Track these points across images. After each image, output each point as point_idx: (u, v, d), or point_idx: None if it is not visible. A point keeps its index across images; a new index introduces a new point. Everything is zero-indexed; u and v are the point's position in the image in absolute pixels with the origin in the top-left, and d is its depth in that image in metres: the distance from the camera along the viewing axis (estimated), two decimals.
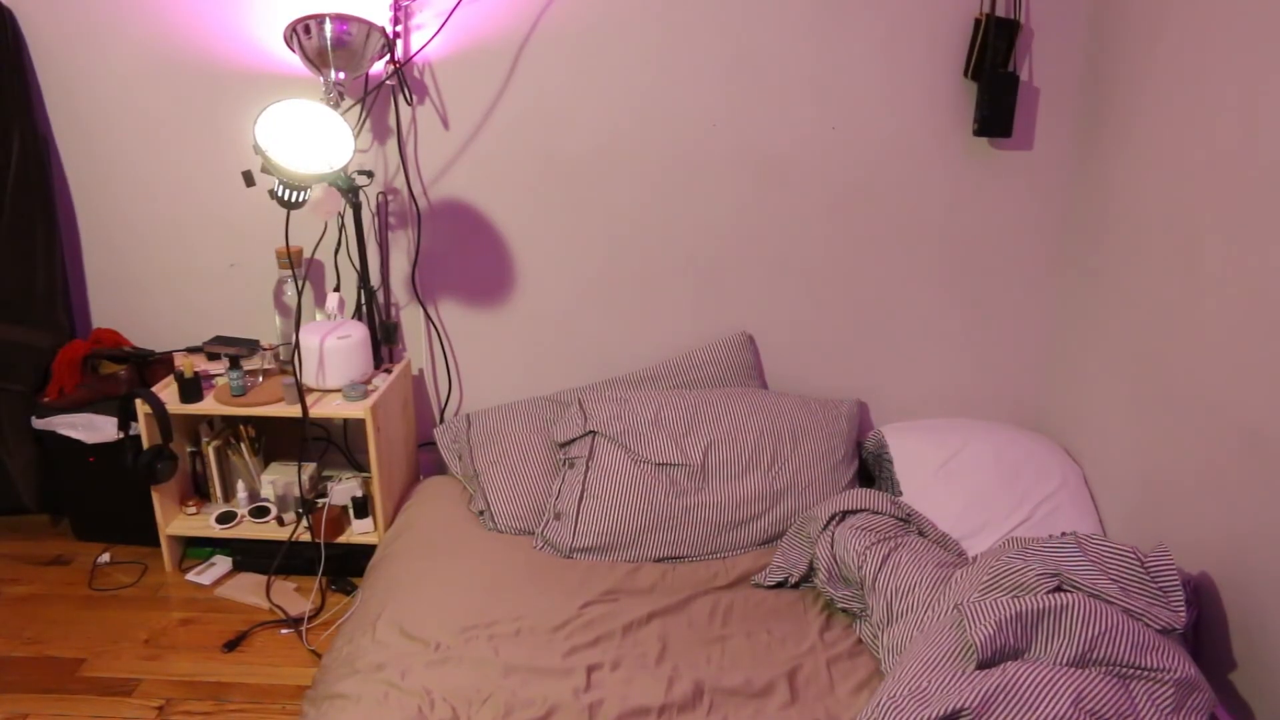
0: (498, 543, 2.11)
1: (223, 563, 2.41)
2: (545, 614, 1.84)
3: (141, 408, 2.25)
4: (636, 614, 1.86)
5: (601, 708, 1.61)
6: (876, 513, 1.99)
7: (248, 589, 2.32)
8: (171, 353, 2.50)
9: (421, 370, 2.61)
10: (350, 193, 2.25)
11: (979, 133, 2.26)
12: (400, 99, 2.35)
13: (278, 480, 2.39)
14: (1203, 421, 1.75)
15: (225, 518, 2.38)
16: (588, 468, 2.18)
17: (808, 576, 2.00)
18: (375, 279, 2.48)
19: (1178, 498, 1.83)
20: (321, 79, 2.15)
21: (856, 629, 1.84)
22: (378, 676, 1.66)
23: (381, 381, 2.34)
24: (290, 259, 2.33)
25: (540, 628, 1.80)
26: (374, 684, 1.64)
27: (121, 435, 2.28)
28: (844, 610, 1.89)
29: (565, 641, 1.77)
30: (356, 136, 2.16)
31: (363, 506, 2.34)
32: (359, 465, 2.62)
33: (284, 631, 2.16)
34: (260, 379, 2.36)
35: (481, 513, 2.21)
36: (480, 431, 2.37)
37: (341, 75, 2.15)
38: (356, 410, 2.23)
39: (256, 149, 1.98)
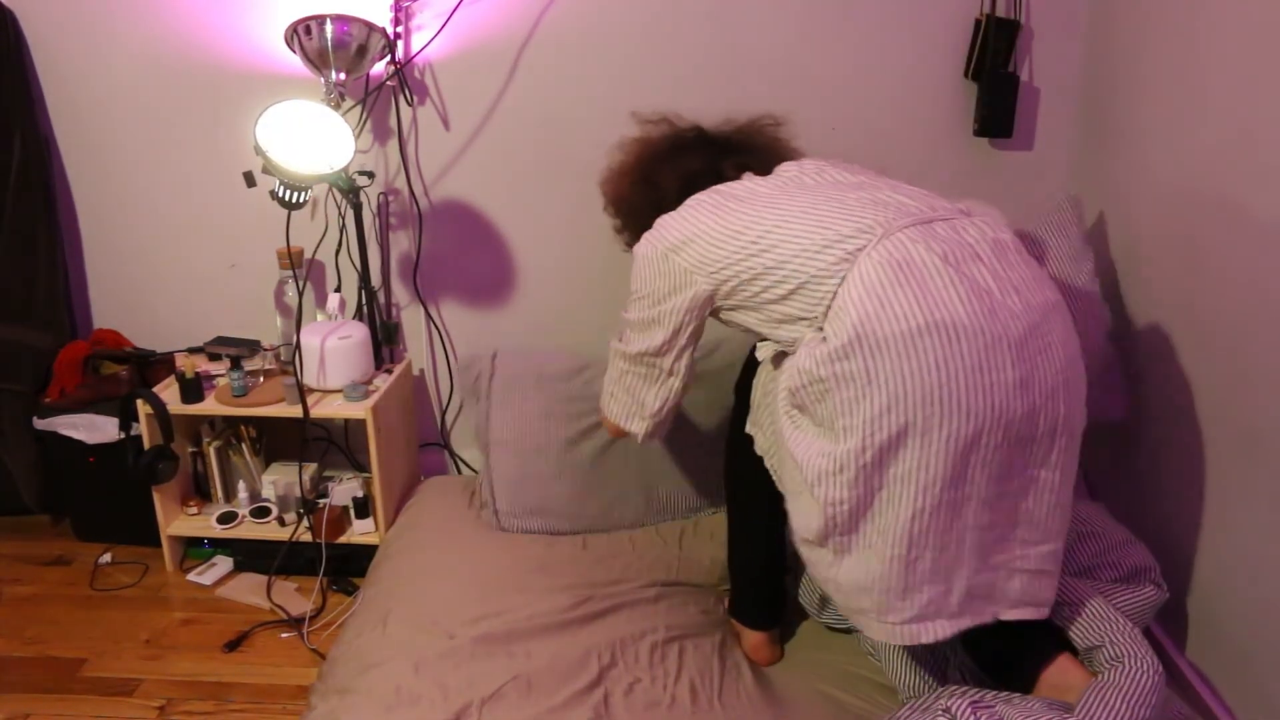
0: (502, 541, 2.10)
1: (223, 563, 2.41)
2: (555, 607, 1.84)
3: (143, 408, 2.26)
4: (645, 604, 1.87)
5: (619, 696, 1.61)
6: None
7: (248, 589, 2.32)
8: (173, 353, 2.50)
9: (422, 370, 2.61)
10: (351, 193, 2.25)
11: (979, 133, 2.27)
12: (401, 99, 2.36)
13: (279, 480, 2.39)
14: (1203, 422, 1.75)
15: (226, 518, 2.39)
16: None
17: None
18: (376, 279, 2.48)
19: (1177, 496, 1.83)
20: (322, 80, 2.15)
21: None
22: (389, 670, 1.66)
23: (382, 382, 2.34)
24: (291, 259, 2.33)
25: (551, 621, 1.80)
26: (385, 677, 1.64)
27: (122, 435, 2.28)
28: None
29: (576, 632, 1.77)
30: (357, 137, 2.16)
31: (364, 507, 2.34)
32: (360, 465, 2.62)
33: (284, 635, 2.16)
34: (261, 379, 2.36)
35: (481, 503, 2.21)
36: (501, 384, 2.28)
37: (342, 76, 2.15)
38: (357, 410, 2.23)
39: (257, 150, 1.98)
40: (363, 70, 2.22)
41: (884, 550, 1.38)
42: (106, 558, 2.45)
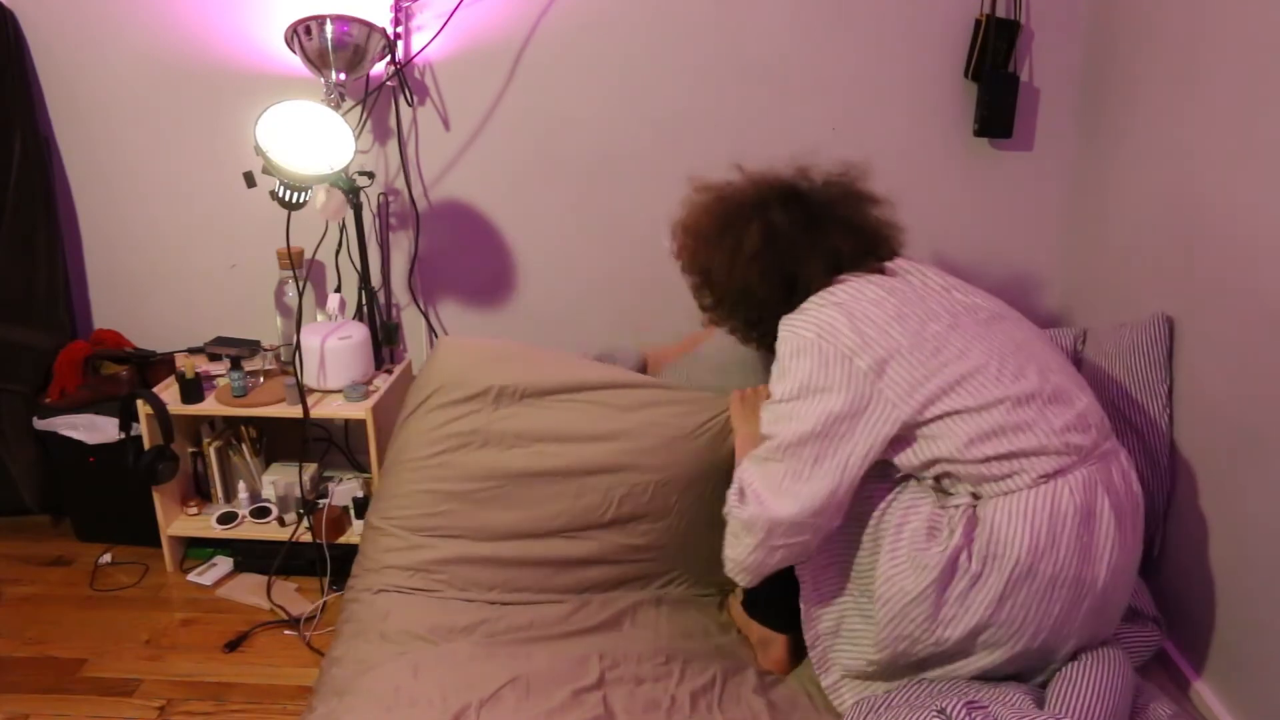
0: None
1: (224, 563, 2.41)
2: (556, 610, 1.84)
3: (143, 408, 2.26)
4: (648, 607, 1.87)
5: (619, 698, 1.61)
6: None
7: (249, 589, 2.32)
8: (173, 353, 2.50)
9: None
10: (351, 194, 2.25)
11: (979, 133, 2.26)
12: (401, 100, 2.36)
13: (279, 481, 2.39)
14: (1203, 422, 1.75)
15: (226, 518, 2.39)
16: None
17: None
18: (376, 280, 2.48)
19: (1179, 496, 1.83)
20: (322, 80, 2.15)
21: None
22: (388, 671, 1.66)
23: (382, 382, 2.34)
24: (291, 260, 2.33)
25: (552, 623, 1.80)
26: (384, 678, 1.64)
27: (123, 436, 2.28)
28: None
29: (577, 635, 1.77)
30: (357, 137, 2.16)
31: (364, 507, 2.34)
32: (360, 466, 2.62)
33: (287, 633, 2.16)
34: (261, 380, 2.36)
35: None
36: None
37: (342, 76, 2.15)
38: (357, 411, 2.23)
39: (258, 150, 1.98)
40: (363, 70, 2.22)
41: None
42: (106, 558, 2.45)
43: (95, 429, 2.36)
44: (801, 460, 1.40)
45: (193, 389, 2.27)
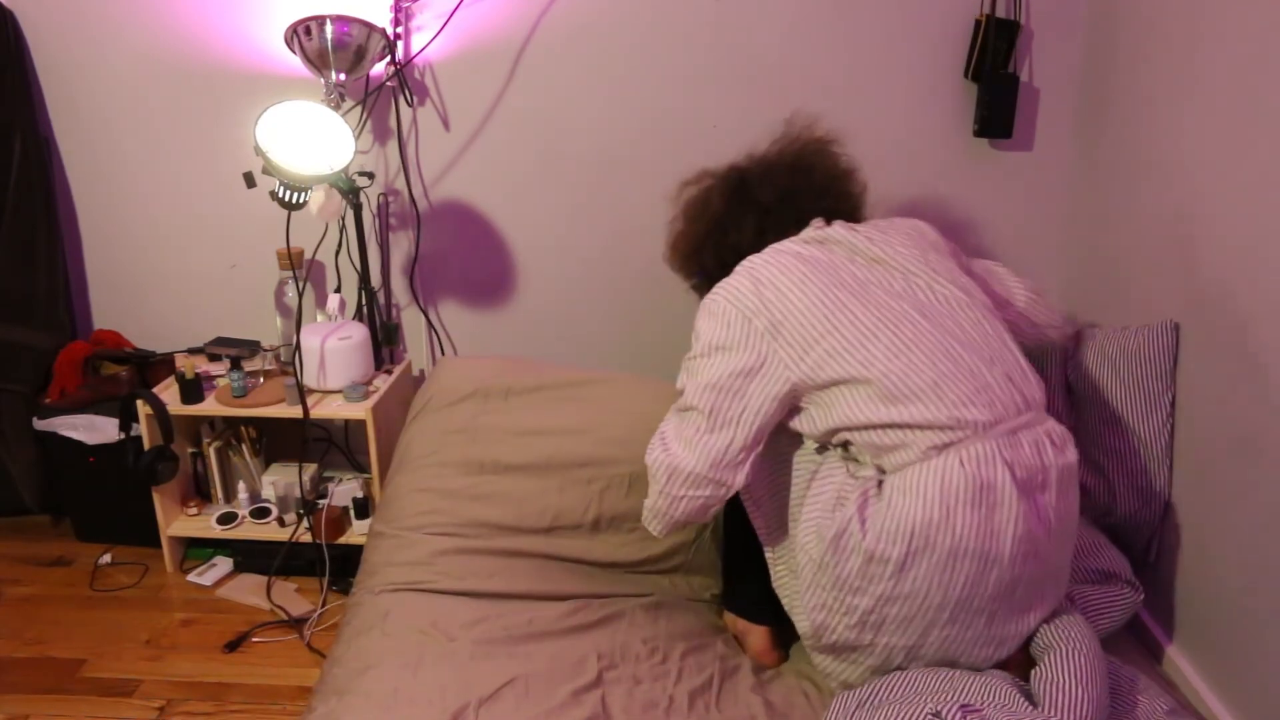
0: None
1: (224, 563, 2.41)
2: (555, 611, 1.83)
3: (143, 409, 2.26)
4: (645, 610, 1.86)
5: (617, 698, 1.61)
6: None
7: (249, 590, 2.32)
8: (173, 354, 2.51)
9: (423, 371, 2.61)
10: (351, 194, 2.25)
11: (979, 133, 2.26)
12: (401, 100, 2.36)
13: (279, 481, 2.39)
14: (1201, 423, 1.75)
15: (226, 518, 2.39)
16: None
17: None
18: (376, 280, 2.48)
19: (1175, 494, 1.83)
20: (322, 80, 2.15)
21: None
22: (387, 671, 1.66)
23: (382, 382, 2.35)
24: (291, 260, 2.33)
25: (550, 623, 1.79)
26: (383, 678, 1.64)
27: (123, 436, 2.29)
28: None
29: (576, 636, 1.77)
30: (357, 138, 2.16)
31: (364, 507, 2.34)
32: (360, 466, 2.62)
33: (284, 637, 2.16)
34: (261, 380, 2.36)
35: None
36: None
37: (342, 76, 2.15)
38: (357, 411, 2.23)
39: (257, 150, 1.98)
40: (363, 71, 2.22)
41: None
42: (106, 558, 2.45)
43: (95, 429, 2.36)
44: (703, 413, 1.49)
45: (193, 389, 2.27)
